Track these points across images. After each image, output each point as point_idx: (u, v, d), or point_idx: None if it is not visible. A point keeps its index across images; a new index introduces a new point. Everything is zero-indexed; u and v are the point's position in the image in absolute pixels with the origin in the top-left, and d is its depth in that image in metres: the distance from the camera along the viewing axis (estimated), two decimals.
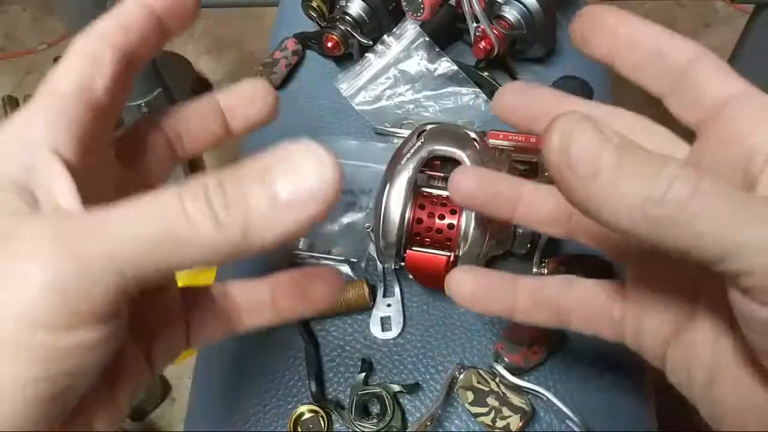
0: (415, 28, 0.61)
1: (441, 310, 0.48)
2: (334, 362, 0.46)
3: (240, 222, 0.19)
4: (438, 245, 0.43)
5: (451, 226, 0.43)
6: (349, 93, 0.61)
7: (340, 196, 0.20)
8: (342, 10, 0.61)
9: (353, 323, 0.48)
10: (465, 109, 0.59)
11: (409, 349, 0.47)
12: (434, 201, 0.43)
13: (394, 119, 0.59)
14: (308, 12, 0.63)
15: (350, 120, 0.60)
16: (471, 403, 0.42)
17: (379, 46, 0.62)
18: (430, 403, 0.44)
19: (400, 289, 0.49)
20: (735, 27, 1.17)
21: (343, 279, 0.30)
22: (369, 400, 0.43)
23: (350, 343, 0.47)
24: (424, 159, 0.42)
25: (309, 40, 0.65)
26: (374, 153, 0.56)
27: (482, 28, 0.56)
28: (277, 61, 0.63)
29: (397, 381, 0.45)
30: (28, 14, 2.03)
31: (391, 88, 0.61)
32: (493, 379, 0.43)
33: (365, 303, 0.47)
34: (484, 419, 0.41)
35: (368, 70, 0.62)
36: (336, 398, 0.45)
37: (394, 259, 0.44)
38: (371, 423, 0.42)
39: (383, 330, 0.47)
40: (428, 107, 0.60)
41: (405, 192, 0.42)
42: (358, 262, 0.51)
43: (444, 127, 0.45)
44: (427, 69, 0.61)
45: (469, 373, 0.43)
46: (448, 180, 0.30)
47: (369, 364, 0.45)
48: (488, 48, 0.57)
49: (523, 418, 0.41)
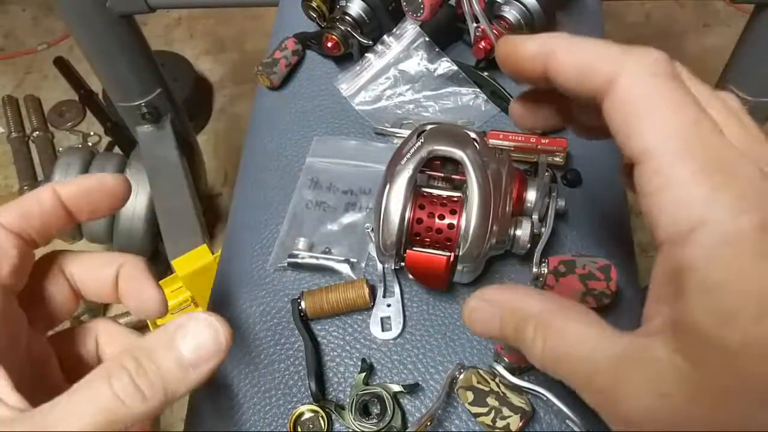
0: (415, 28, 0.61)
1: (441, 310, 0.48)
2: (334, 362, 0.46)
3: (160, 391, 0.26)
4: (438, 245, 0.43)
5: (451, 226, 0.43)
6: (349, 93, 0.62)
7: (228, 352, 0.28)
8: (342, 10, 0.61)
9: (353, 323, 0.48)
10: (465, 109, 0.59)
11: (409, 349, 0.47)
12: (434, 201, 0.43)
13: (394, 119, 0.59)
14: (308, 12, 0.63)
15: (350, 120, 0.60)
16: (471, 403, 0.42)
17: (379, 46, 0.62)
18: (430, 403, 0.44)
19: (400, 289, 0.49)
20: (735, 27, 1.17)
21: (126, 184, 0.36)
22: (369, 400, 0.43)
23: (350, 343, 0.47)
24: (424, 159, 0.42)
25: (309, 40, 0.65)
26: (374, 153, 0.57)
27: (482, 28, 0.56)
28: (277, 61, 0.63)
29: (397, 381, 0.45)
30: (28, 14, 2.04)
31: (391, 88, 0.61)
32: (493, 379, 0.43)
33: (365, 303, 0.47)
34: (484, 419, 0.41)
35: (368, 70, 0.62)
36: (336, 398, 0.45)
37: (394, 259, 0.44)
38: (371, 423, 0.42)
39: (383, 330, 0.47)
40: (428, 107, 0.60)
41: (405, 192, 0.42)
42: (358, 262, 0.51)
43: (444, 127, 0.45)
44: (427, 69, 0.61)
45: (469, 373, 0.43)
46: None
47: (369, 364, 0.45)
48: (488, 48, 0.57)
49: (523, 418, 0.41)
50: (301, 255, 0.50)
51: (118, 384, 0.25)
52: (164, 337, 0.27)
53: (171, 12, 1.97)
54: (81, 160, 1.20)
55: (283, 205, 0.55)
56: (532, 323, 0.28)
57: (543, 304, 0.28)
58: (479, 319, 0.31)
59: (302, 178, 0.56)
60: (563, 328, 0.27)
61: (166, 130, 1.15)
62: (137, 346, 0.27)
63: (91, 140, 1.72)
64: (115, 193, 0.34)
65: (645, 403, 0.23)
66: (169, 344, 0.27)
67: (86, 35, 0.99)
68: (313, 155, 0.57)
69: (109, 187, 0.33)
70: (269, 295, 0.50)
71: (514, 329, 0.29)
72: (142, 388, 0.25)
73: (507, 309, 0.30)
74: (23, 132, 1.74)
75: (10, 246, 0.30)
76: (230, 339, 0.28)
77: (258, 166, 0.59)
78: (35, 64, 1.89)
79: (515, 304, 0.29)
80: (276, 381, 0.46)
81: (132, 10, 0.96)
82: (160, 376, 0.26)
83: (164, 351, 0.27)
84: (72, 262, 0.34)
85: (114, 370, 0.26)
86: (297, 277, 0.51)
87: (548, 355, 0.27)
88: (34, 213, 0.31)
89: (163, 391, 0.26)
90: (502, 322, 0.30)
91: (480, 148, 0.43)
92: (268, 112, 0.63)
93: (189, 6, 1.72)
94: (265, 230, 0.54)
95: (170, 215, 1.07)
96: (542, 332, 0.28)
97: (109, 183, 0.33)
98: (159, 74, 1.12)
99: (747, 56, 0.99)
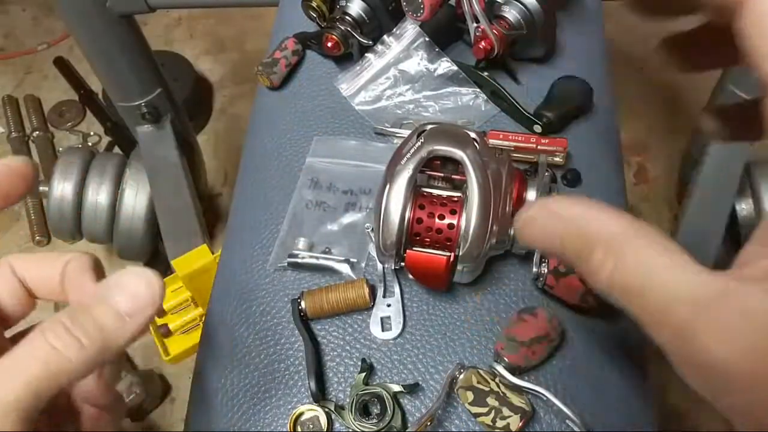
0: (415, 28, 0.61)
1: (441, 310, 0.48)
2: (334, 362, 0.46)
3: (98, 339, 0.27)
4: (438, 245, 0.43)
5: (451, 226, 0.43)
6: (349, 93, 0.62)
7: (162, 301, 0.29)
8: (342, 10, 0.61)
9: (353, 323, 0.48)
10: (465, 109, 0.59)
11: (409, 349, 0.47)
12: (434, 201, 0.43)
13: (394, 119, 0.59)
14: (308, 12, 0.63)
15: (350, 120, 0.60)
16: (471, 403, 0.42)
17: (379, 46, 0.62)
18: (430, 403, 0.44)
19: (400, 289, 0.49)
20: None
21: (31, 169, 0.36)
22: (369, 400, 0.43)
23: (350, 343, 0.47)
24: (424, 159, 0.42)
25: (309, 40, 0.65)
26: (374, 153, 0.57)
27: (482, 28, 0.56)
28: (277, 61, 0.63)
29: (397, 381, 0.45)
30: (28, 14, 2.03)
31: (391, 88, 0.61)
32: (493, 379, 0.43)
33: (365, 303, 0.47)
34: (484, 419, 0.41)
35: (368, 70, 0.62)
36: (336, 398, 0.45)
37: (394, 259, 0.44)
38: (371, 423, 0.42)
39: (383, 330, 0.47)
40: (428, 107, 0.60)
41: (405, 192, 0.42)
42: (358, 262, 0.51)
43: (444, 127, 0.45)
44: (427, 69, 0.61)
45: (469, 373, 0.43)
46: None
47: (369, 364, 0.45)
48: (488, 48, 0.57)
49: (523, 418, 0.41)
50: (301, 255, 0.50)
51: (52, 335, 0.27)
52: (99, 291, 0.29)
53: (171, 12, 1.97)
54: (81, 160, 1.20)
55: (283, 205, 0.55)
56: (603, 246, 0.25)
57: (618, 225, 0.25)
58: (537, 230, 0.28)
59: (302, 178, 0.56)
60: (640, 254, 0.24)
61: (166, 130, 1.15)
62: (72, 306, 0.29)
63: (91, 140, 1.72)
64: (23, 174, 0.34)
65: (732, 353, 0.22)
66: (104, 298, 0.28)
67: (86, 35, 0.99)
68: (313, 155, 0.57)
69: (16, 169, 0.33)
70: (269, 295, 0.50)
71: (579, 250, 0.26)
72: (77, 336, 0.27)
73: (574, 228, 0.27)
74: (23, 132, 1.74)
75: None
76: (163, 290, 0.29)
77: (258, 166, 0.59)
78: (35, 64, 1.89)
79: (585, 224, 0.26)
80: (276, 381, 0.46)
81: (132, 10, 0.96)
82: (96, 326, 0.28)
83: (99, 304, 0.28)
84: (21, 263, 0.35)
85: (49, 325, 0.27)
86: (297, 277, 0.51)
87: (618, 280, 0.25)
88: None
89: (101, 339, 0.28)
90: (563, 240, 0.27)
91: (480, 148, 0.43)
92: (268, 112, 0.63)
93: (189, 6, 1.72)
94: (265, 230, 0.54)
95: (170, 215, 1.07)
96: (614, 256, 0.25)
97: (15, 165, 0.33)
98: (159, 74, 1.12)
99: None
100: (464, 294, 0.49)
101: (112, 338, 0.28)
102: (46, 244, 1.54)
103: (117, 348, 0.29)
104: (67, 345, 0.27)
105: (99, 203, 1.18)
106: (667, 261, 0.24)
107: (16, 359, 0.27)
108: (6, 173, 0.33)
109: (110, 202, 1.18)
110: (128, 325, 0.29)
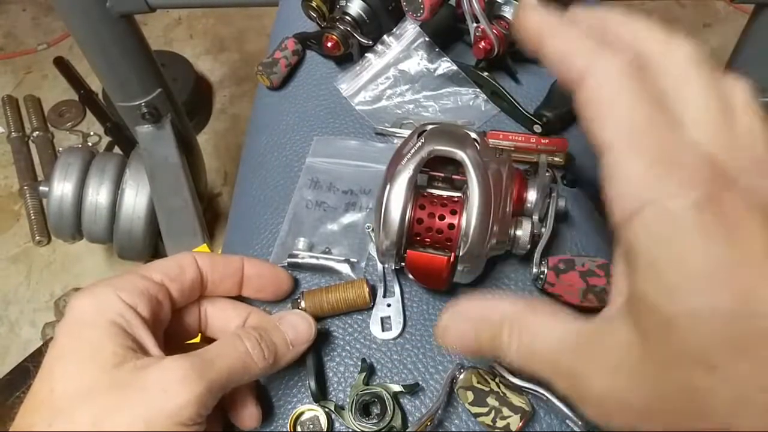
0: (415, 28, 0.61)
1: (441, 310, 0.48)
2: (334, 362, 0.46)
3: (273, 356, 0.38)
4: (438, 245, 0.43)
5: (451, 227, 0.43)
6: (349, 93, 0.62)
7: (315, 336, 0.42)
8: (342, 10, 0.61)
9: (353, 323, 0.48)
10: (465, 109, 0.59)
11: (409, 349, 0.47)
12: (434, 201, 0.43)
13: (394, 119, 0.59)
14: (308, 12, 0.63)
15: (350, 120, 0.60)
16: (471, 403, 0.42)
17: (379, 46, 0.62)
18: (430, 403, 0.44)
19: (400, 289, 0.49)
20: (735, 27, 1.17)
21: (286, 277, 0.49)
22: (369, 400, 0.43)
23: (350, 343, 0.47)
24: (424, 159, 0.42)
25: (309, 40, 0.65)
26: (374, 153, 0.57)
27: (482, 28, 0.56)
28: (277, 61, 0.63)
29: (397, 381, 0.45)
30: (28, 14, 2.04)
31: (391, 88, 0.61)
32: (493, 379, 0.43)
33: (365, 303, 0.47)
34: (484, 419, 0.41)
35: (368, 70, 0.62)
36: (336, 398, 0.45)
37: (394, 259, 0.44)
38: (371, 423, 0.42)
39: (383, 330, 0.47)
40: (428, 107, 0.60)
41: (405, 192, 0.42)
42: (358, 262, 0.51)
43: (444, 127, 0.45)
44: (427, 69, 0.61)
45: (469, 373, 0.43)
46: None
47: (369, 364, 0.45)
48: (488, 48, 0.57)
49: (523, 418, 0.41)
50: (301, 255, 0.50)
51: (249, 343, 0.37)
52: (272, 322, 0.40)
53: (171, 12, 1.97)
54: (81, 160, 1.20)
55: (283, 205, 0.55)
56: (507, 326, 0.29)
57: (513, 305, 0.30)
58: (455, 336, 0.32)
59: (302, 178, 0.56)
60: (533, 324, 0.28)
61: (166, 130, 1.15)
62: (254, 325, 0.39)
63: (91, 140, 1.72)
64: (280, 283, 0.47)
65: (604, 380, 0.25)
66: (277, 327, 0.40)
67: (86, 35, 0.99)
68: (313, 155, 0.57)
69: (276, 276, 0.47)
70: None
71: (491, 337, 0.30)
72: (263, 349, 0.37)
73: (480, 320, 0.31)
74: (23, 132, 1.74)
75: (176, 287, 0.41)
76: (316, 331, 0.42)
77: (258, 166, 0.59)
78: (35, 64, 1.89)
79: (488, 312, 0.30)
80: (276, 381, 0.46)
81: (132, 10, 0.96)
82: (274, 345, 0.38)
83: (275, 330, 0.39)
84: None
85: (244, 334, 0.37)
86: (297, 277, 0.51)
87: (522, 352, 0.28)
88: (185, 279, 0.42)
89: (274, 357, 0.38)
90: (477, 333, 0.31)
91: (480, 148, 0.43)
92: (268, 112, 0.63)
93: (189, 6, 1.72)
94: (265, 230, 0.54)
95: (170, 215, 1.07)
96: (516, 332, 0.29)
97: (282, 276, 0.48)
98: (159, 74, 1.12)
99: (747, 56, 0.99)
100: (464, 294, 0.48)
101: (281, 358, 0.39)
102: (46, 244, 1.54)
103: (279, 367, 0.39)
104: (257, 353, 0.37)
105: (99, 203, 1.18)
106: (552, 323, 0.28)
107: (220, 350, 0.36)
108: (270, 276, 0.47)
109: (110, 202, 1.18)
110: (290, 352, 0.40)
